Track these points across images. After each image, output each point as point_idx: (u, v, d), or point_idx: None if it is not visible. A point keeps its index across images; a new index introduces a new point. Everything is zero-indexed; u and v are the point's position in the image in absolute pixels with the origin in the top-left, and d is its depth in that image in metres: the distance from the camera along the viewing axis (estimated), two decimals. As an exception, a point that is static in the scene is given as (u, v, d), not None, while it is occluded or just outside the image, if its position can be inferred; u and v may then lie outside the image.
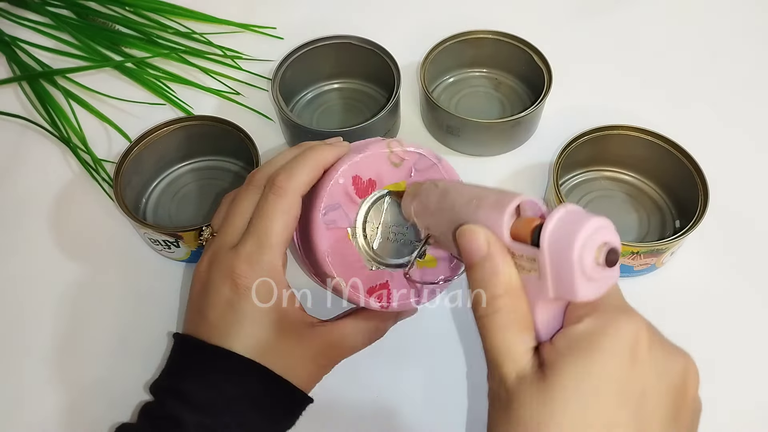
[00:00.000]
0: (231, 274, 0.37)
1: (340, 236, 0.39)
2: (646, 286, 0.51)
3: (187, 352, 0.39)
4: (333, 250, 0.39)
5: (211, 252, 0.39)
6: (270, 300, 0.38)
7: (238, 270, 0.37)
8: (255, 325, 0.37)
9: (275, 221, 0.37)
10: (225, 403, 0.36)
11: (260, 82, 0.64)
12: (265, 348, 0.37)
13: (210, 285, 0.38)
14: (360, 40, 0.60)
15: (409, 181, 0.41)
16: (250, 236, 0.38)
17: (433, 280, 0.41)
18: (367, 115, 0.61)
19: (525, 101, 0.62)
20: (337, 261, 0.39)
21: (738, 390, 0.46)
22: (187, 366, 0.38)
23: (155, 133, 0.53)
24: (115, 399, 0.46)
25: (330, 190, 0.38)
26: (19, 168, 0.59)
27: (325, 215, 0.38)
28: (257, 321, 0.37)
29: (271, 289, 0.38)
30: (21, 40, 0.67)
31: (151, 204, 0.55)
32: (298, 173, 0.38)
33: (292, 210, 0.38)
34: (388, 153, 0.40)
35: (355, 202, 0.39)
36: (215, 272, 0.38)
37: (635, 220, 0.53)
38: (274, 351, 0.38)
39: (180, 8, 0.68)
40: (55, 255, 0.53)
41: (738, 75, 0.65)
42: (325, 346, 0.39)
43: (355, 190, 0.39)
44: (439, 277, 0.41)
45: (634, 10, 0.71)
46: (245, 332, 0.37)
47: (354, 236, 0.40)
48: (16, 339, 0.49)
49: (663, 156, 0.52)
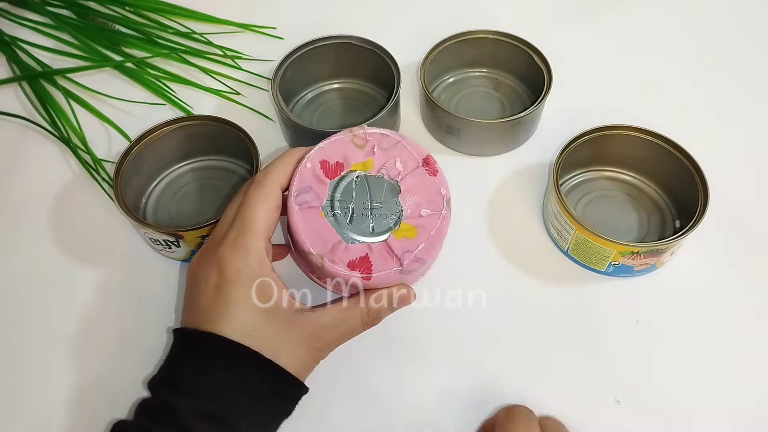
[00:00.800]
0: (218, 263, 0.39)
1: (314, 215, 0.42)
2: (646, 286, 0.51)
3: (181, 342, 0.40)
4: (309, 228, 0.41)
5: (201, 248, 0.42)
6: (254, 281, 0.39)
7: (224, 256, 0.39)
8: (242, 309, 0.38)
9: (256, 209, 0.40)
10: (216, 387, 0.37)
11: (260, 82, 0.64)
12: (253, 331, 0.38)
13: (199, 275, 0.40)
14: (360, 40, 0.60)
15: (374, 158, 0.44)
16: (234, 226, 0.40)
17: (412, 248, 0.42)
18: (367, 115, 0.61)
19: (525, 101, 0.62)
20: (315, 240, 0.41)
21: (738, 390, 0.46)
22: (180, 356, 0.39)
23: (155, 133, 0.53)
24: (114, 397, 0.46)
25: (300, 174, 0.43)
26: (19, 168, 0.59)
27: (297, 197, 0.42)
28: (244, 304, 0.38)
29: (258, 274, 0.39)
30: (21, 40, 0.67)
31: (151, 204, 0.55)
32: (273, 168, 0.42)
33: (270, 198, 0.41)
34: (351, 137, 0.44)
35: (324, 183, 0.43)
36: (204, 263, 0.40)
37: (635, 220, 0.53)
38: (262, 334, 0.38)
39: (180, 8, 0.68)
40: (55, 255, 0.53)
41: (738, 75, 0.65)
42: (316, 329, 0.40)
43: (324, 173, 0.43)
44: (419, 245, 0.42)
45: (634, 10, 0.71)
46: (232, 316, 0.38)
47: (327, 215, 0.42)
48: (16, 339, 0.49)
49: (663, 156, 0.52)
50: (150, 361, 0.47)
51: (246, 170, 0.57)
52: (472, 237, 0.53)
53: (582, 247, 0.49)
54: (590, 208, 0.54)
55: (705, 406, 0.46)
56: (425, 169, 0.44)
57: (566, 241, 0.50)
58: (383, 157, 0.44)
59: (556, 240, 0.52)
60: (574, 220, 0.48)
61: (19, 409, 0.46)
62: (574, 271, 0.51)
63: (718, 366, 0.47)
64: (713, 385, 0.46)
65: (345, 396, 0.46)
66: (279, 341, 0.39)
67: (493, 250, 0.53)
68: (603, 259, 0.49)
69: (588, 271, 0.51)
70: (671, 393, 0.46)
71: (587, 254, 0.49)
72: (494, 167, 0.58)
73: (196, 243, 0.49)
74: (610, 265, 0.49)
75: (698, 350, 0.48)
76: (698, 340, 0.48)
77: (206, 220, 0.48)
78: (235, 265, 0.39)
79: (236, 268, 0.39)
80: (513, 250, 0.53)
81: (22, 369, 0.48)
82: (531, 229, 0.54)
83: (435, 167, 0.44)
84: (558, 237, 0.51)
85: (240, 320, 0.38)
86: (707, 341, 0.48)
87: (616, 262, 0.48)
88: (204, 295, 0.39)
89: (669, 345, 0.48)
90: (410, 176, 0.43)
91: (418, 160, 0.44)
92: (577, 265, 0.51)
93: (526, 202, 0.56)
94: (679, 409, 0.45)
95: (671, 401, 0.45)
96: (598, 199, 0.55)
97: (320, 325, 0.40)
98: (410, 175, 0.43)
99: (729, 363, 0.47)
